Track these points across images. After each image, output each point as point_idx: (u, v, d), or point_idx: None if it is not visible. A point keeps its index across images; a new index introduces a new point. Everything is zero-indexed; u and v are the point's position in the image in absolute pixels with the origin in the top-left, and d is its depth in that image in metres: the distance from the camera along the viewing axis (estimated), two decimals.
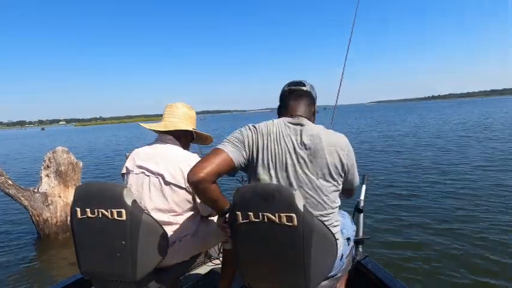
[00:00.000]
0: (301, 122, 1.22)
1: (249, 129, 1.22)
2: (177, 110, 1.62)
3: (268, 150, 1.17)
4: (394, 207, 4.53)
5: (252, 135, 1.20)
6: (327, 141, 1.17)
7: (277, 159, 1.17)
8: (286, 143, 1.18)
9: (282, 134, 1.19)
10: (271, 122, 1.23)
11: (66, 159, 4.23)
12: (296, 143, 1.17)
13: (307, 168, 1.16)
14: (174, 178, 1.41)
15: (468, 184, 5.39)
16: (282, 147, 1.17)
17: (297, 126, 1.21)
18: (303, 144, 1.17)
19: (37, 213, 4.04)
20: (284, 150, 1.17)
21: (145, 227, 1.25)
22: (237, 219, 1.10)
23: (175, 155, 1.47)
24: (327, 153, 1.16)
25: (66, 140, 28.50)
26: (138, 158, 1.50)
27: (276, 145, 1.18)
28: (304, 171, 1.16)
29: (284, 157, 1.16)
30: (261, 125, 1.23)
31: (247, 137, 1.20)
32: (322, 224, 1.11)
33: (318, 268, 1.10)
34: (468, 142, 10.11)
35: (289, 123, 1.22)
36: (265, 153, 1.17)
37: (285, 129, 1.20)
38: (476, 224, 3.74)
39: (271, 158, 1.17)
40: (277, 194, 1.04)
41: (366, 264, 1.70)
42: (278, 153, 1.17)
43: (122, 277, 1.26)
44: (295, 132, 1.19)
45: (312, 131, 1.19)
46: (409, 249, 3.28)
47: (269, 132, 1.19)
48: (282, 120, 1.24)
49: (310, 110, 1.33)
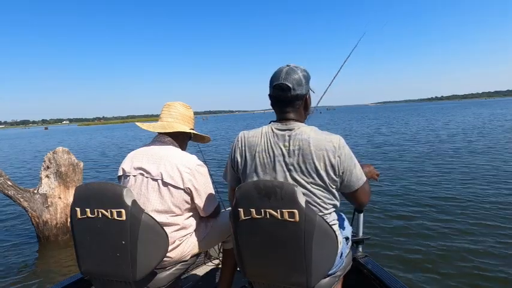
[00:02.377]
0: (289, 127, 1.21)
1: (237, 145, 1.29)
2: (174, 109, 1.61)
3: (257, 160, 1.22)
4: (394, 207, 4.53)
5: (240, 149, 1.27)
6: (315, 146, 1.15)
7: (266, 168, 1.20)
8: (274, 151, 1.19)
9: (270, 143, 1.21)
10: (260, 132, 1.25)
11: (67, 159, 4.18)
12: (285, 149, 1.18)
13: (297, 174, 1.16)
14: (172, 179, 1.40)
15: (469, 184, 5.39)
16: (270, 155, 1.20)
17: (285, 132, 1.21)
18: (292, 151, 1.17)
19: (37, 214, 4.00)
20: (273, 158, 1.19)
21: (145, 227, 1.25)
22: (239, 216, 1.12)
23: (173, 156, 1.46)
24: (315, 158, 1.14)
25: (76, 138, 28.45)
26: (135, 159, 1.48)
27: (264, 154, 1.21)
28: (295, 177, 1.16)
29: (273, 165, 1.19)
30: (250, 136, 1.27)
31: (235, 156, 1.29)
32: (323, 220, 1.11)
33: (319, 264, 1.10)
34: (471, 144, 10.12)
35: (278, 129, 1.22)
36: (254, 163, 1.22)
37: (273, 137, 1.21)
38: (477, 224, 3.74)
39: (260, 167, 1.21)
40: (279, 190, 1.05)
41: (366, 264, 1.70)
42: (267, 162, 1.20)
43: (122, 277, 1.26)
44: (283, 139, 1.20)
45: (302, 135, 1.18)
46: (409, 249, 3.28)
47: (257, 143, 1.23)
48: (271, 127, 1.25)
49: (300, 109, 1.27)
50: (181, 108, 1.62)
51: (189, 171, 1.42)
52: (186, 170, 1.41)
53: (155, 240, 1.30)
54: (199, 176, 1.46)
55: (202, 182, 1.47)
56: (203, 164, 1.52)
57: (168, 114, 1.59)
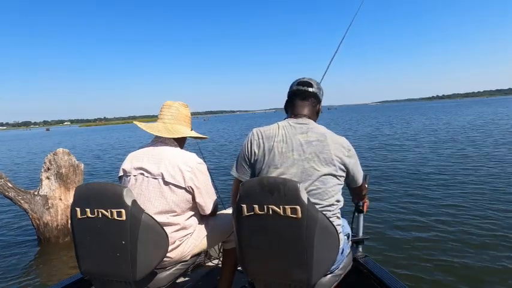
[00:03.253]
0: (305, 121, 1.32)
1: (253, 138, 1.33)
2: (176, 111, 1.60)
3: (275, 150, 1.26)
4: (394, 207, 4.52)
5: (258, 141, 1.31)
6: (331, 139, 1.26)
7: (284, 157, 1.24)
8: (293, 141, 1.26)
9: (288, 135, 1.28)
10: (276, 126, 1.33)
11: (67, 161, 4.18)
12: (303, 140, 1.26)
13: (315, 163, 1.23)
14: (174, 178, 1.41)
15: (469, 183, 5.38)
16: (289, 144, 1.26)
17: (302, 125, 1.30)
18: (310, 141, 1.25)
19: (37, 216, 4.00)
20: (292, 147, 1.25)
21: (145, 227, 1.26)
22: (242, 212, 1.13)
23: (174, 155, 1.47)
24: (332, 150, 1.24)
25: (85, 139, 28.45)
26: (136, 159, 1.49)
27: (283, 144, 1.26)
28: (312, 165, 1.23)
29: (292, 154, 1.24)
30: (266, 129, 1.33)
31: (251, 148, 1.32)
32: (325, 217, 1.13)
33: (321, 261, 1.11)
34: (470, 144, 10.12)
35: (295, 123, 1.32)
36: (272, 153, 1.26)
37: (291, 129, 1.30)
38: (478, 224, 3.73)
39: (279, 156, 1.25)
40: (282, 186, 1.07)
41: (366, 264, 1.70)
42: (286, 151, 1.25)
43: (122, 277, 1.26)
44: (301, 131, 1.29)
45: (318, 129, 1.30)
46: (409, 249, 3.28)
47: (275, 134, 1.29)
48: (287, 121, 1.34)
49: (315, 110, 1.42)
50: (183, 109, 1.62)
51: (190, 169, 1.43)
52: (187, 169, 1.42)
53: (155, 240, 1.31)
54: (200, 175, 1.47)
55: (203, 180, 1.48)
56: (203, 162, 1.53)
57: (170, 116, 1.58)
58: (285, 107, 1.45)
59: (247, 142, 1.35)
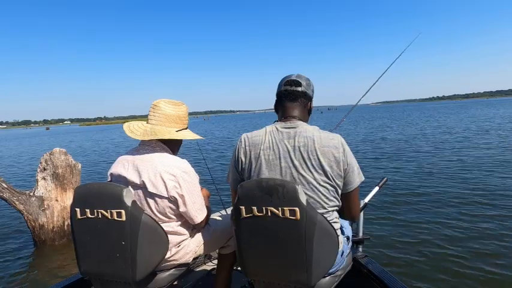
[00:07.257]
0: (294, 125, 1.26)
1: (240, 145, 1.30)
2: (158, 111, 1.45)
3: (262, 158, 1.23)
4: (395, 207, 4.54)
5: (244, 149, 1.28)
6: (319, 143, 1.20)
7: (272, 164, 1.21)
8: (279, 147, 1.22)
9: (275, 140, 1.24)
10: (264, 131, 1.28)
11: (64, 161, 4.09)
12: (290, 146, 1.21)
13: (303, 170, 1.18)
14: (156, 188, 1.32)
15: (470, 183, 5.42)
16: (276, 152, 1.22)
17: (290, 129, 1.25)
18: (297, 147, 1.20)
19: (33, 218, 3.91)
20: (278, 155, 1.21)
21: (145, 227, 1.25)
22: (241, 214, 1.12)
23: (158, 162, 1.35)
24: (320, 154, 1.18)
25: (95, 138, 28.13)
26: (121, 166, 1.40)
27: (269, 151, 1.23)
28: (301, 172, 1.18)
29: (279, 161, 1.21)
30: (253, 135, 1.29)
31: (239, 156, 1.30)
32: (324, 218, 1.12)
33: (320, 262, 1.11)
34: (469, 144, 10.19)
35: (282, 127, 1.26)
36: (259, 161, 1.23)
37: (278, 135, 1.24)
38: (478, 224, 3.75)
39: (266, 164, 1.22)
40: (281, 188, 1.07)
41: (366, 264, 1.70)
42: (272, 158, 1.22)
43: (122, 278, 1.26)
44: (288, 136, 1.23)
45: (306, 133, 1.22)
46: (409, 249, 3.28)
47: (261, 141, 1.25)
48: (275, 126, 1.28)
49: (305, 109, 1.36)
50: (166, 109, 1.45)
51: (173, 178, 1.34)
52: (170, 178, 1.33)
53: (155, 241, 1.30)
54: (184, 183, 1.36)
55: (187, 190, 1.36)
56: (191, 171, 1.40)
57: (153, 116, 1.46)
58: (275, 108, 1.40)
59: (236, 149, 1.32)
